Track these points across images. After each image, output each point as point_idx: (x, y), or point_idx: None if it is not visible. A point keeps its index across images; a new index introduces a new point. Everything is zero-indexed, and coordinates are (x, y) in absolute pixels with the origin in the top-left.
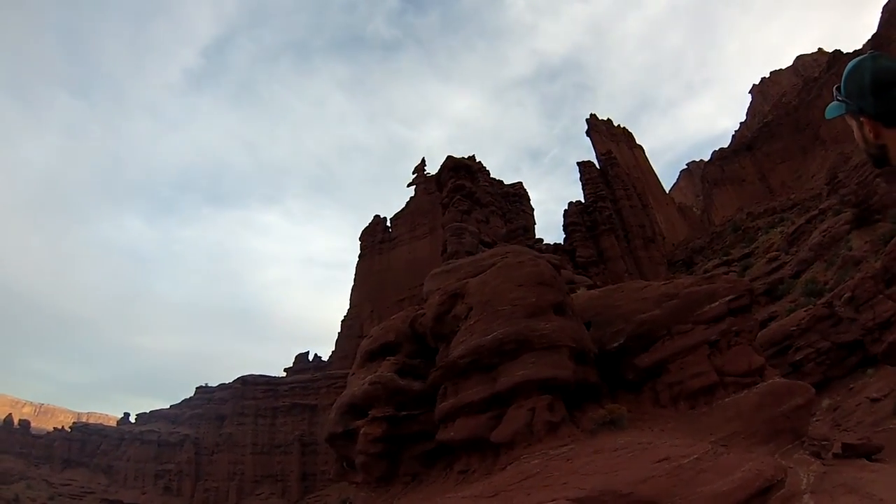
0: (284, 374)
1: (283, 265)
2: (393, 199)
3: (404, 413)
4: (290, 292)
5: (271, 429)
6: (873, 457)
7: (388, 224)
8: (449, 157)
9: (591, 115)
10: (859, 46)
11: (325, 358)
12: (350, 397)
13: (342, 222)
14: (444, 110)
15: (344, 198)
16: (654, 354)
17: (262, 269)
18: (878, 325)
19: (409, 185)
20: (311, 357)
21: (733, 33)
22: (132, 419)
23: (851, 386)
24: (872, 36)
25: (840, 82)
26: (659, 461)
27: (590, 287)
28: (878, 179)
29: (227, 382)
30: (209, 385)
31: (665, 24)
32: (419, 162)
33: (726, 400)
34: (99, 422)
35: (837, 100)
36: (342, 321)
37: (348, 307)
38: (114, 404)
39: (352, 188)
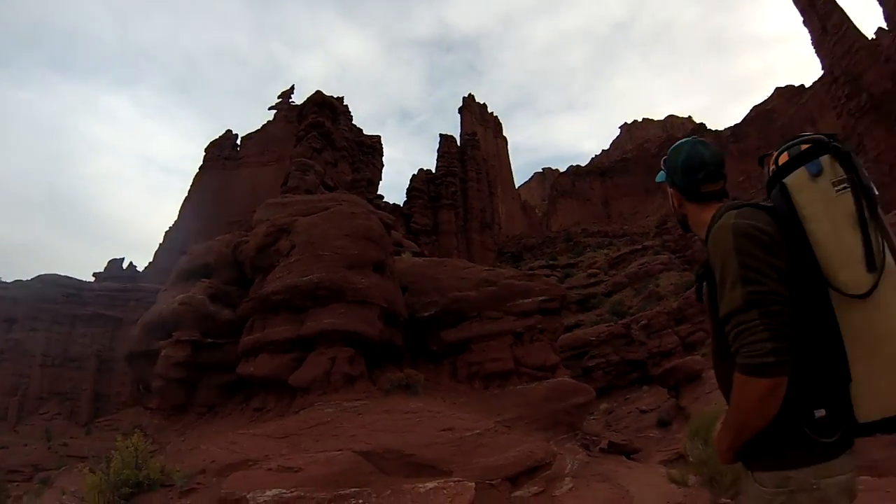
0: (93, 279)
1: (118, 158)
2: (251, 118)
3: (209, 340)
4: (119, 190)
5: (67, 339)
6: (632, 456)
7: (238, 142)
8: (318, 92)
9: (470, 94)
10: (721, 128)
11: (140, 269)
12: (156, 315)
13: (194, 128)
14: (334, 46)
15: (203, 103)
16: (461, 332)
17: (95, 158)
18: (661, 352)
19: (270, 108)
20: (125, 265)
21: (625, 74)
22: None
23: (627, 397)
24: (735, 125)
25: (667, 156)
26: (444, 430)
27: (416, 254)
28: (696, 237)
29: (24, 280)
30: (2, 280)
31: (571, 42)
32: (288, 88)
33: (518, 387)
34: None
35: (662, 169)
36: (166, 232)
37: (176, 219)
38: None
39: (214, 96)
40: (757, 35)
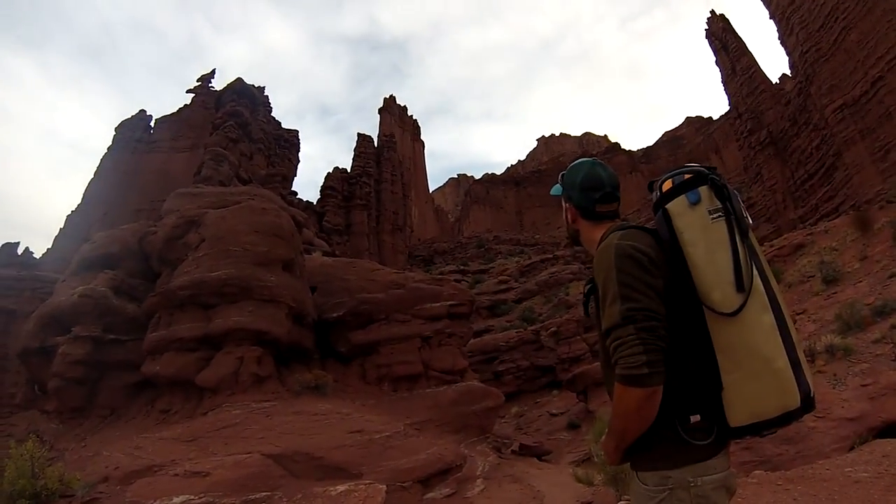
0: None
1: (17, 128)
2: (167, 99)
3: (112, 337)
4: (15, 164)
5: None
6: (543, 458)
7: (152, 124)
8: (239, 79)
9: (391, 96)
10: (634, 148)
11: (37, 255)
12: (54, 308)
13: (106, 103)
14: (260, 32)
15: (118, 78)
16: (370, 334)
17: None
18: (570, 358)
19: (188, 91)
20: (20, 250)
21: (546, 89)
22: None
23: (538, 401)
24: (647, 147)
25: (565, 171)
26: (353, 432)
27: (327, 254)
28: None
29: None
30: None
31: (497, 54)
32: (209, 71)
33: (427, 391)
34: None
35: (559, 184)
36: (68, 216)
37: (80, 202)
38: None
39: (130, 71)
40: (673, 67)
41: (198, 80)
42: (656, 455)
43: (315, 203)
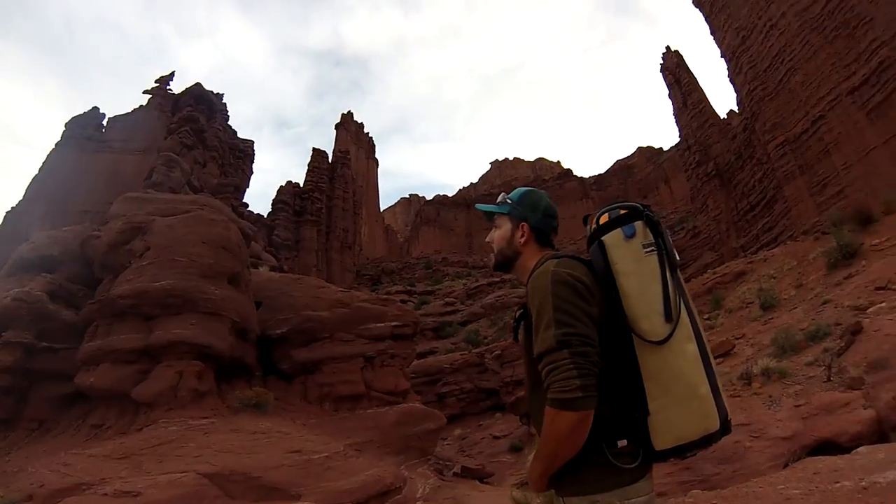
0: None
1: None
2: (124, 98)
3: (45, 344)
4: None
5: None
6: (485, 480)
7: (104, 123)
8: (198, 84)
9: (349, 112)
10: (586, 175)
11: None
12: None
13: (59, 98)
14: (225, 39)
15: (74, 73)
16: (313, 352)
17: None
18: (514, 381)
19: (144, 92)
20: None
21: (504, 113)
22: None
23: (481, 423)
24: (599, 174)
25: (513, 193)
26: (292, 452)
27: (274, 268)
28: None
29: None
30: None
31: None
32: (168, 73)
33: (368, 411)
34: None
35: (506, 202)
36: (6, 214)
37: (21, 199)
38: None
39: (87, 66)
40: (628, 98)
41: (156, 82)
42: (585, 479)
43: (266, 216)
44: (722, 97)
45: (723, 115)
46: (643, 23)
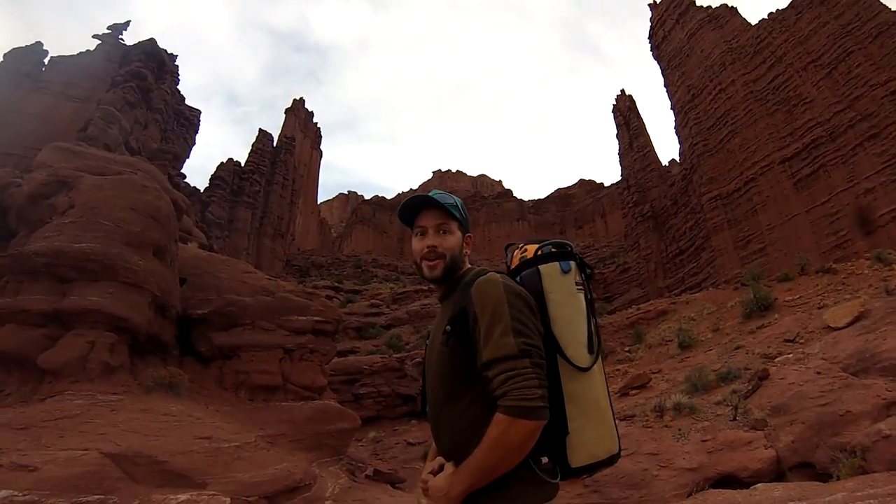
0: None
1: None
2: (72, 41)
3: None
4: None
5: None
6: (397, 485)
7: (46, 61)
8: (152, 40)
9: (301, 98)
10: (525, 198)
11: None
12: None
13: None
14: None
15: (26, 2)
16: (233, 338)
17: None
18: None
19: (94, 37)
20: None
21: (453, 126)
22: None
23: (396, 428)
24: (538, 199)
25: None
26: (202, 438)
27: (203, 246)
28: None
29: None
30: None
31: (414, 82)
32: (123, 22)
33: (283, 404)
34: None
35: (458, 208)
36: None
37: None
38: None
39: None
40: (576, 131)
41: (108, 28)
42: (512, 495)
43: (202, 191)
44: (666, 146)
45: (665, 162)
46: (602, 64)
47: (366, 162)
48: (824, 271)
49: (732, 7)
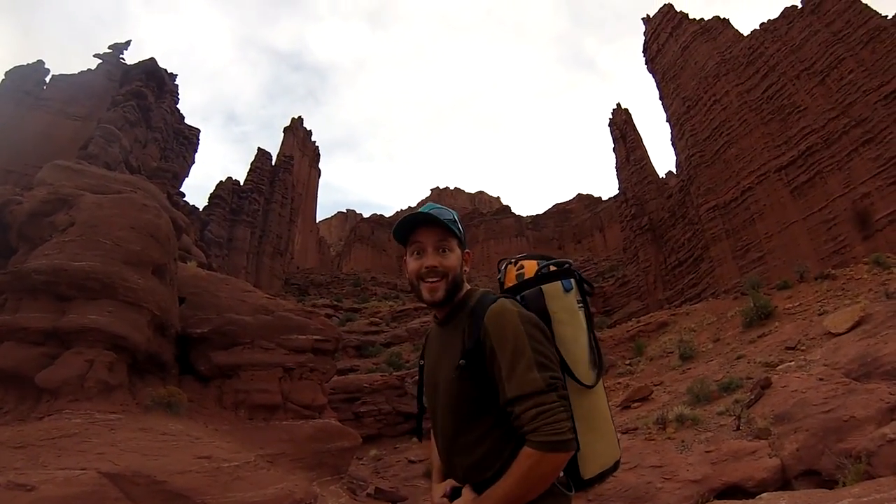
0: None
1: None
2: (74, 60)
3: None
4: None
5: None
6: (398, 503)
7: (48, 80)
8: (152, 59)
9: (300, 117)
10: (524, 214)
11: None
12: None
13: (3, 47)
14: (188, 17)
15: (29, 20)
16: (232, 356)
17: None
18: None
19: (95, 55)
20: None
21: (451, 143)
22: None
23: (397, 446)
24: (536, 215)
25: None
26: (201, 458)
27: (202, 265)
28: None
29: None
30: None
31: (412, 101)
32: (124, 41)
33: (283, 423)
34: None
35: (457, 224)
36: None
37: None
38: None
39: (45, 19)
40: (574, 146)
41: (109, 47)
42: None
43: (201, 210)
44: (663, 158)
45: (662, 174)
46: (598, 78)
47: (364, 180)
48: (823, 277)
49: (725, 19)
